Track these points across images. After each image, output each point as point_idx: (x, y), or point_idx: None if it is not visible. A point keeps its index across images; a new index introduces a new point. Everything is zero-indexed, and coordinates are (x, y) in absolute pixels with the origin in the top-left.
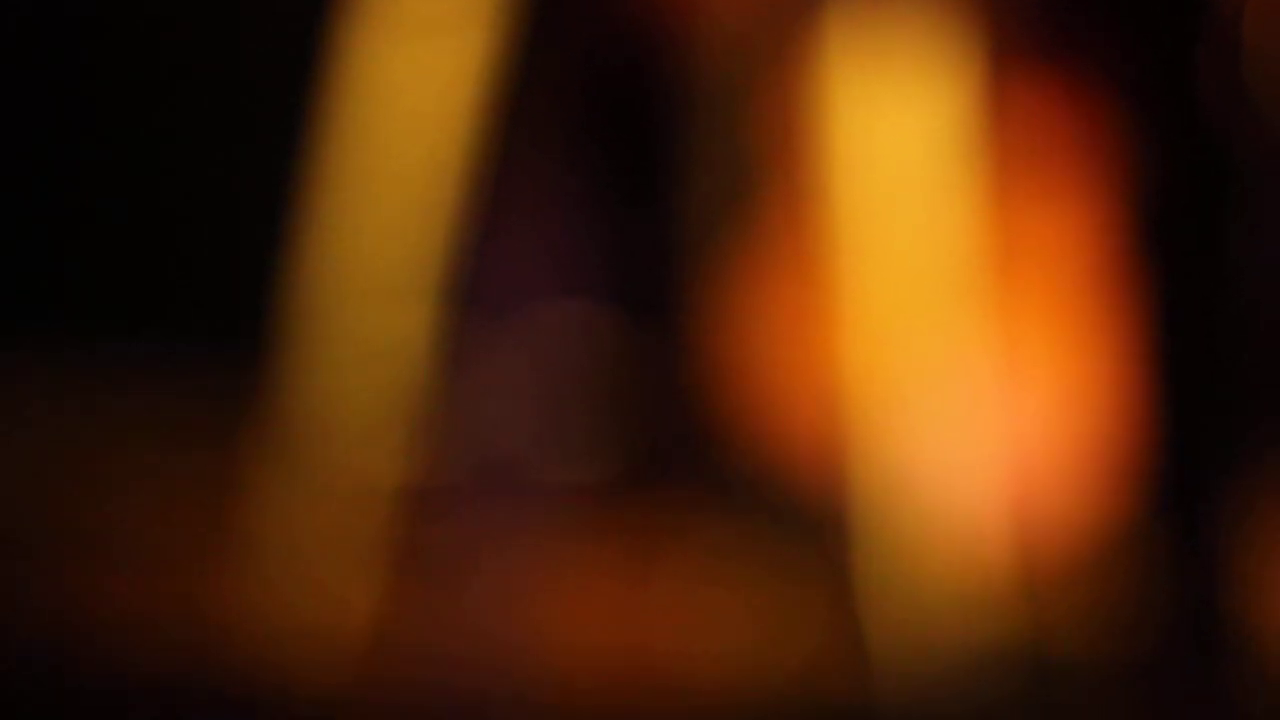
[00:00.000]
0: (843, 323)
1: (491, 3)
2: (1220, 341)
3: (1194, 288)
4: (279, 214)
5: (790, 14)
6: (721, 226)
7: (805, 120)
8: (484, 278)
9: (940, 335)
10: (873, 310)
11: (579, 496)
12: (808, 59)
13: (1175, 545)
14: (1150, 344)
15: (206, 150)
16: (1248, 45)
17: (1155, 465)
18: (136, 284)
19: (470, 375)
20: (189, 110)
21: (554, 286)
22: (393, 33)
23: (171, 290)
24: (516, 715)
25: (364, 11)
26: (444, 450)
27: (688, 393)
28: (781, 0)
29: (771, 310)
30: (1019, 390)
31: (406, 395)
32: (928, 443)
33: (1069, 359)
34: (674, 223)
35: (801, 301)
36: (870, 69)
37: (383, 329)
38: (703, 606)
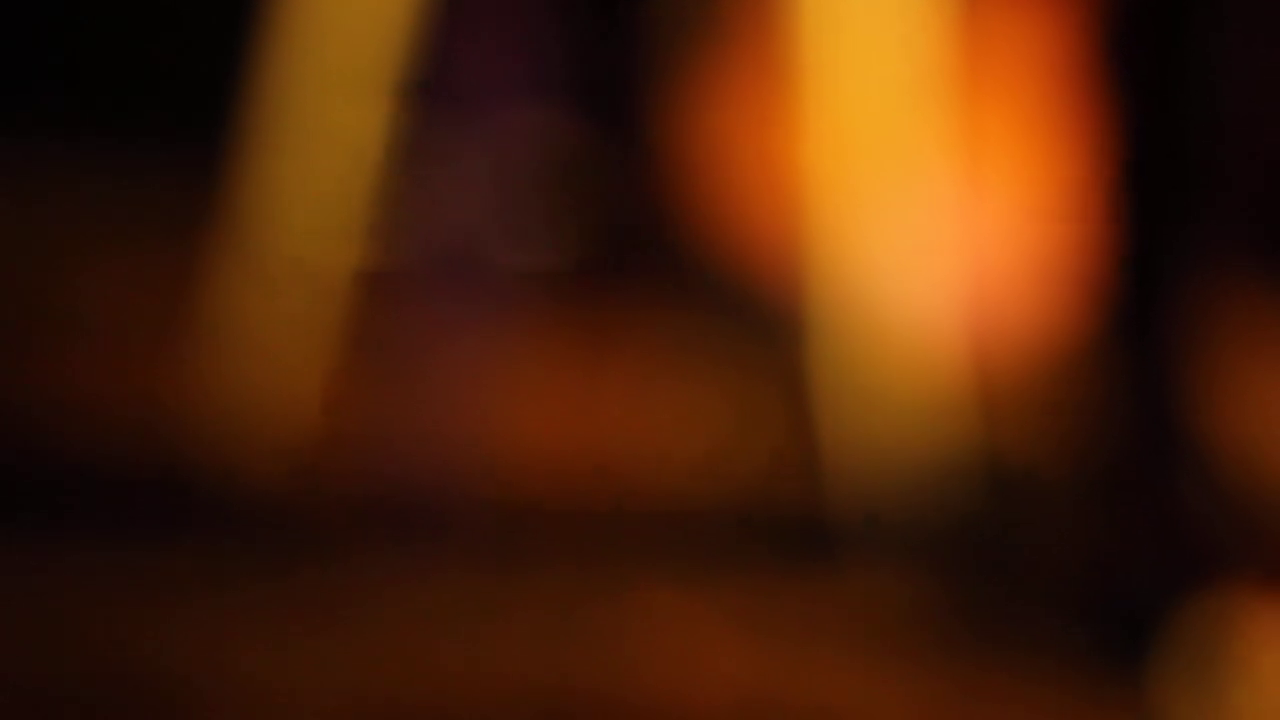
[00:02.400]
0: (806, 124)
1: None
2: (1183, 155)
3: (1159, 99)
4: (243, 8)
5: None
6: (688, 26)
7: None
8: (447, 76)
9: (903, 141)
10: (836, 113)
11: (535, 287)
12: None
13: (1133, 361)
14: (1113, 156)
15: None
16: None
17: (1115, 280)
18: (100, 77)
19: (429, 168)
20: None
21: (518, 85)
22: None
23: (134, 83)
24: (465, 509)
25: None
26: (400, 239)
27: (649, 189)
28: None
29: (735, 110)
30: (980, 200)
31: (364, 186)
32: (888, 249)
33: (1031, 171)
34: (640, 22)
35: (765, 102)
36: None
37: (343, 122)
38: (657, 406)
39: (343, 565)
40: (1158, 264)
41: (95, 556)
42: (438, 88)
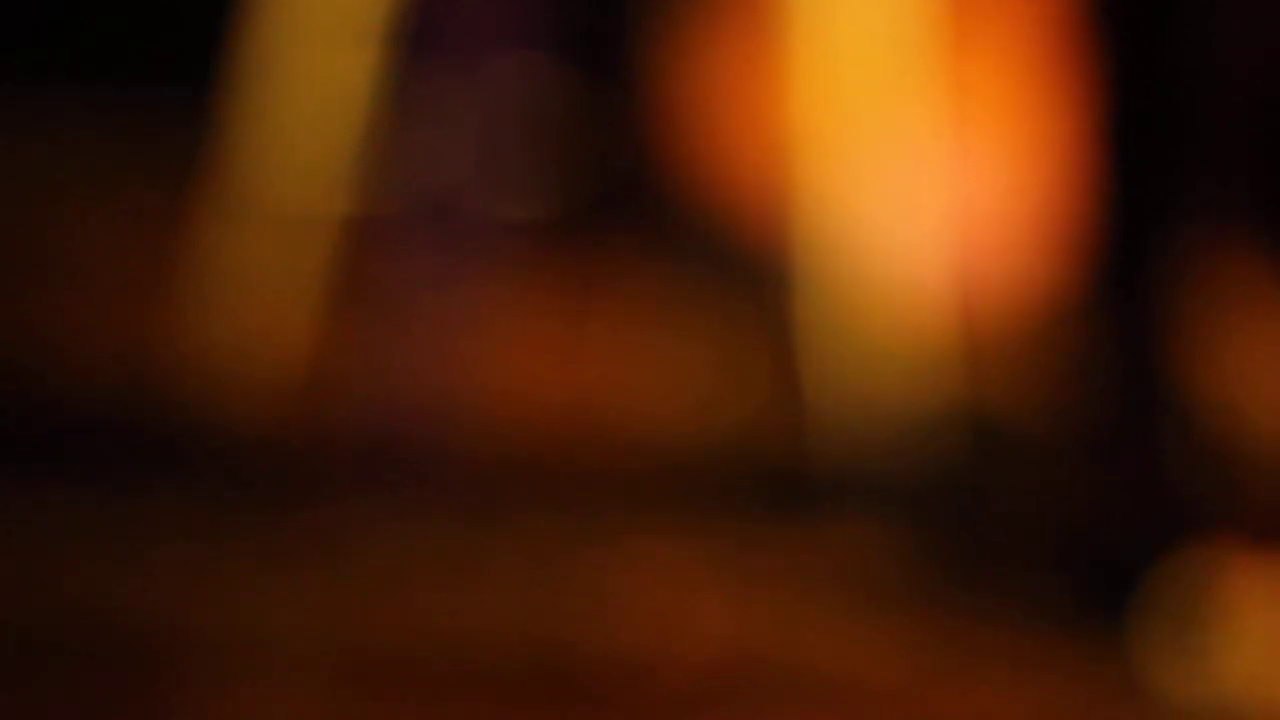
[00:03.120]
0: (794, 76)
1: None
2: (1171, 111)
3: (1147, 54)
4: None
5: None
6: None
7: None
8: (435, 23)
9: (891, 93)
10: (824, 65)
11: (522, 236)
12: None
13: (1119, 317)
14: (1101, 111)
15: None
16: None
17: (1101, 236)
18: (89, 24)
19: (416, 116)
20: None
21: (506, 33)
22: None
23: (123, 30)
24: (449, 456)
25: None
26: (387, 186)
27: (636, 139)
28: None
29: (723, 61)
30: (967, 154)
31: (352, 133)
32: (874, 202)
33: (1018, 126)
34: None
35: (753, 54)
36: None
37: (331, 69)
38: (642, 356)
39: (326, 511)
40: (1144, 220)
41: (78, 499)
42: (425, 35)
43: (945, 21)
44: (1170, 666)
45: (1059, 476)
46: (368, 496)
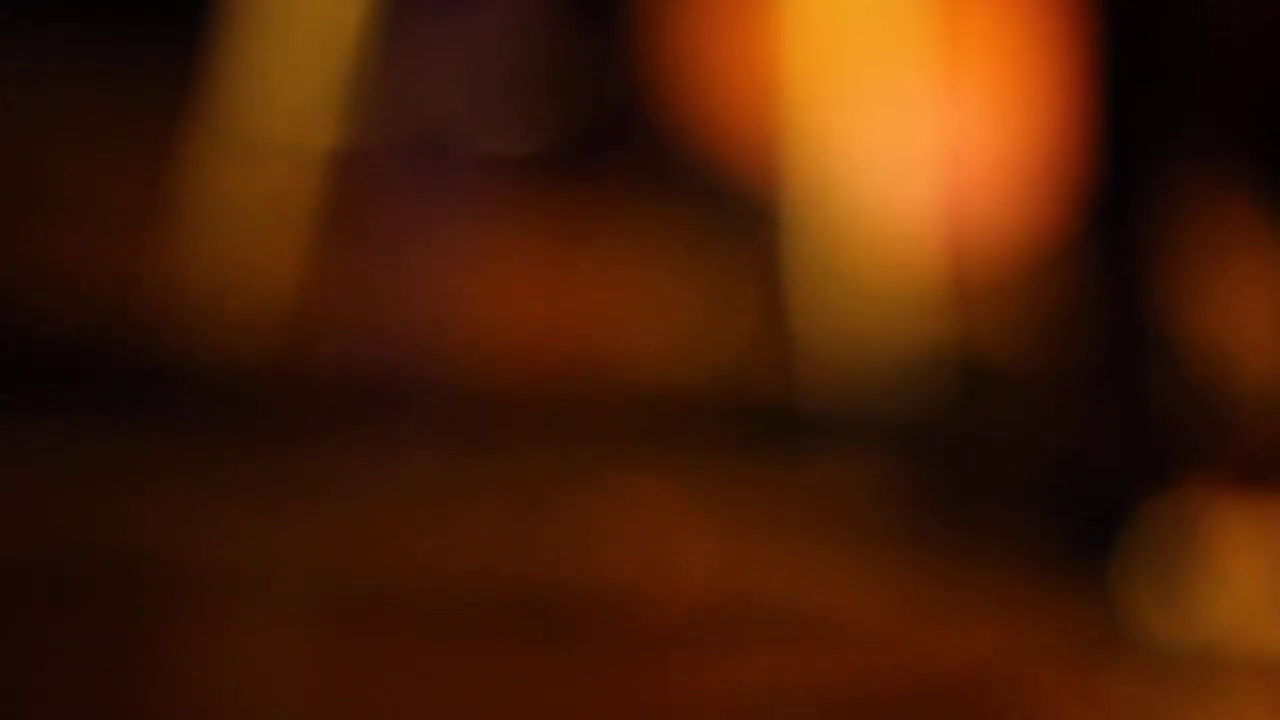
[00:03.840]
0: (787, 14)
1: None
2: (1160, 52)
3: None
4: None
5: None
6: None
7: None
8: None
9: (883, 33)
10: (816, 3)
11: (511, 170)
12: None
13: (1107, 258)
14: (1091, 53)
15: None
16: None
17: (1091, 176)
18: None
19: (407, 50)
20: None
21: None
22: None
23: None
24: (437, 391)
25: None
26: (377, 121)
27: (628, 74)
28: None
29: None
30: (958, 93)
31: (342, 68)
32: (865, 141)
33: (1010, 64)
34: None
35: None
36: None
37: (321, 3)
38: (631, 293)
39: (313, 446)
40: (1133, 161)
41: (64, 434)
42: None
43: None
44: (1153, 607)
45: (1046, 416)
46: (354, 431)
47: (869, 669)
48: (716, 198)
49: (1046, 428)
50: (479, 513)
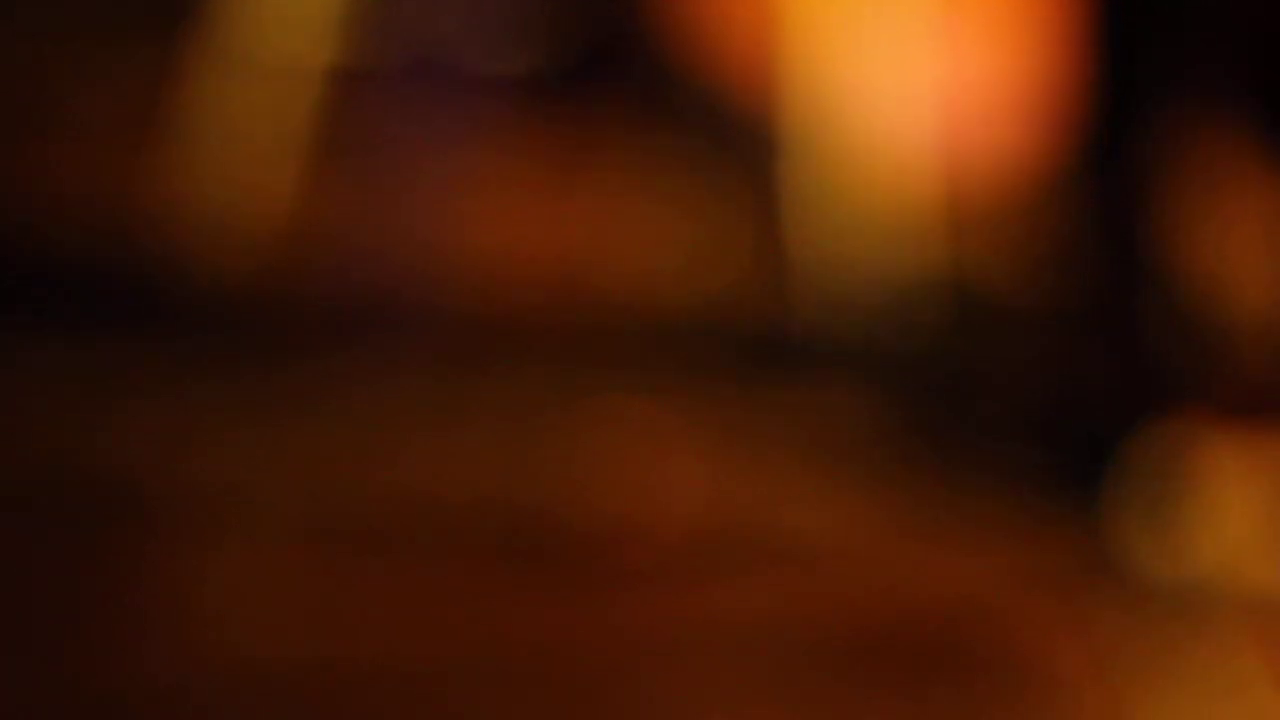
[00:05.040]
0: None
1: None
2: None
3: None
4: None
5: None
6: None
7: None
8: None
9: None
10: None
11: (510, 91)
12: None
13: (1102, 191)
14: None
15: None
16: None
17: (1088, 109)
18: None
19: None
20: None
21: None
22: None
23: None
24: (431, 313)
25: None
26: (377, 39)
27: None
28: None
29: None
30: (958, 21)
31: None
32: (864, 70)
33: None
34: None
35: None
36: None
37: None
38: (628, 216)
39: (306, 365)
40: (1130, 94)
41: (60, 350)
42: None
43: None
44: (1143, 539)
45: (1040, 346)
46: (346, 351)
47: (859, 596)
48: (714, 122)
49: (1040, 358)
50: (470, 435)
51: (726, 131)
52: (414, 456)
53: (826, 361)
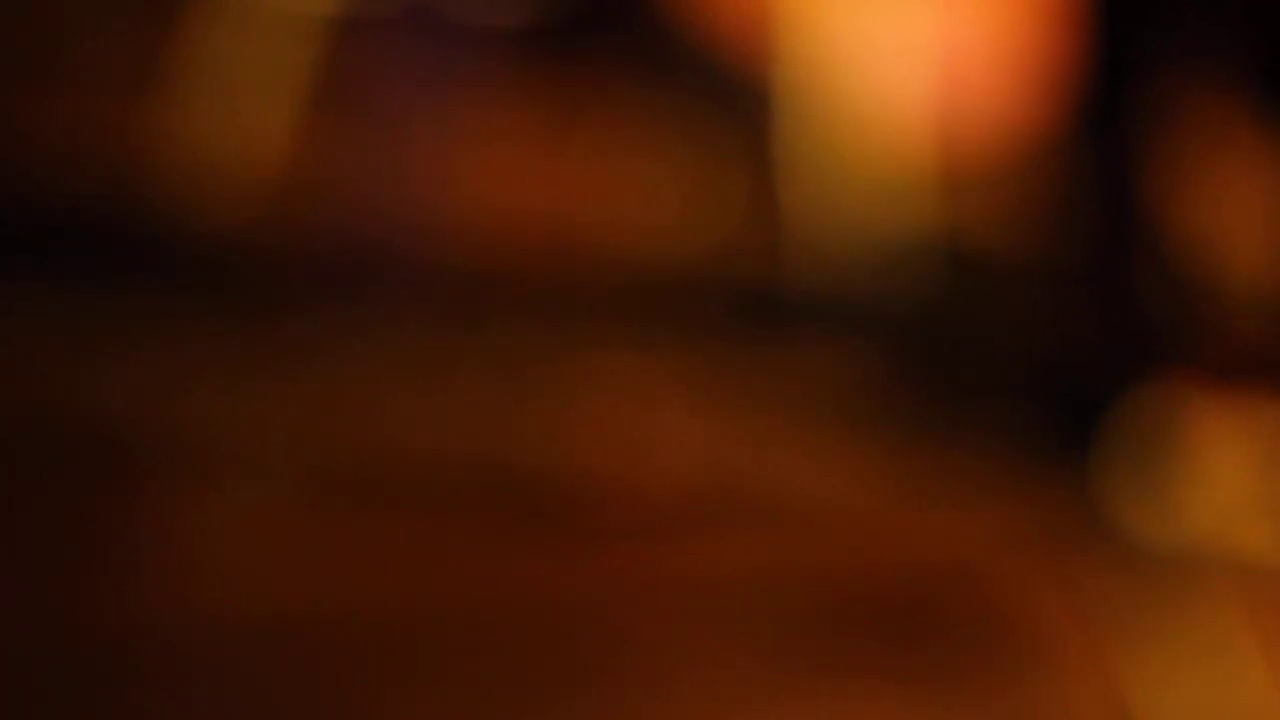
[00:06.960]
0: None
1: None
2: None
3: None
4: None
5: None
6: None
7: None
8: None
9: None
10: None
11: (505, 44)
12: None
13: (1097, 154)
14: None
15: None
16: None
17: (1084, 70)
18: None
19: None
20: None
21: None
22: None
23: None
24: (423, 266)
25: None
26: None
27: None
28: None
29: None
30: None
31: None
32: (860, 27)
33: None
34: None
35: None
36: None
37: None
38: (621, 171)
39: (300, 318)
40: (1126, 57)
41: (55, 299)
42: None
43: None
44: (1133, 500)
45: (1033, 307)
46: (340, 304)
47: (848, 554)
48: (710, 79)
49: (1033, 319)
50: (463, 389)
51: (722, 88)
52: (406, 410)
53: (819, 320)
